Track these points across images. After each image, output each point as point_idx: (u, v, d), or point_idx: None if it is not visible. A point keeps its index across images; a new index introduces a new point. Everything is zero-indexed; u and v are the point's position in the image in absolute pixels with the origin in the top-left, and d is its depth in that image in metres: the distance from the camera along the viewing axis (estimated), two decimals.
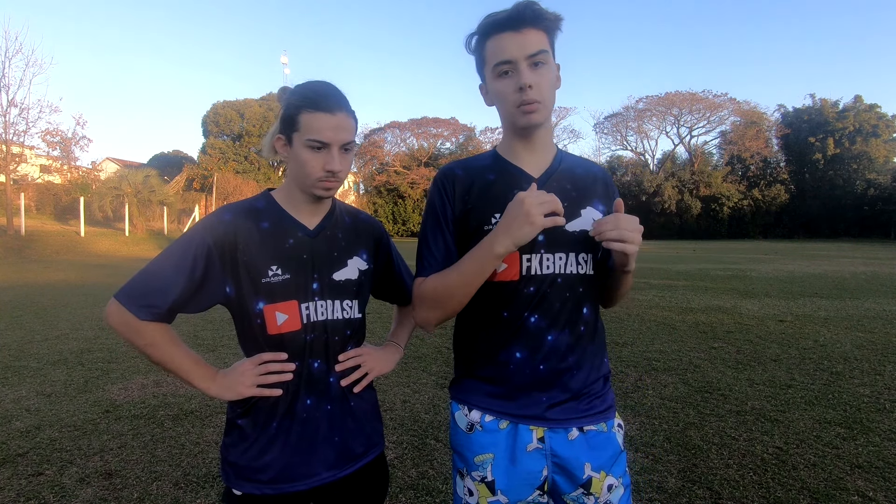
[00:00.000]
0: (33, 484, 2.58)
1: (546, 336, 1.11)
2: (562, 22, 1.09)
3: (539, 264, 1.11)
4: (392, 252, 1.35)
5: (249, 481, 1.11)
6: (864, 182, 43.37)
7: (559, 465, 1.11)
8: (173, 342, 1.09)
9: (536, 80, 1.05)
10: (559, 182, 1.14)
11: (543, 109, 1.08)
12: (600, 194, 1.17)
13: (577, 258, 1.12)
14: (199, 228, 1.10)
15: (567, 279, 1.11)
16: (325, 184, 1.10)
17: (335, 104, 1.08)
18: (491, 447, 1.13)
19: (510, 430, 1.13)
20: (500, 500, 1.13)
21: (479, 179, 1.16)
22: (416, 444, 3.03)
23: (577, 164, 1.21)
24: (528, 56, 1.04)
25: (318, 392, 1.14)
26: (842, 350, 5.14)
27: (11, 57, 22.84)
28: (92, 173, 29.84)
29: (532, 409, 1.12)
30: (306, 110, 1.06)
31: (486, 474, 1.13)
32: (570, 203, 1.11)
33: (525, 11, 1.04)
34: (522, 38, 1.04)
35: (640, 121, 54.24)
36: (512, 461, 1.12)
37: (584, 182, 1.17)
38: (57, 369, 4.58)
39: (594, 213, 1.13)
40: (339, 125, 1.07)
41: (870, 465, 2.72)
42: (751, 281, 11.29)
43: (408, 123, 53.44)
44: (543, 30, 1.06)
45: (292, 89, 1.12)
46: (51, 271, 13.96)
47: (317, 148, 1.06)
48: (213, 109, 41.56)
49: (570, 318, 1.12)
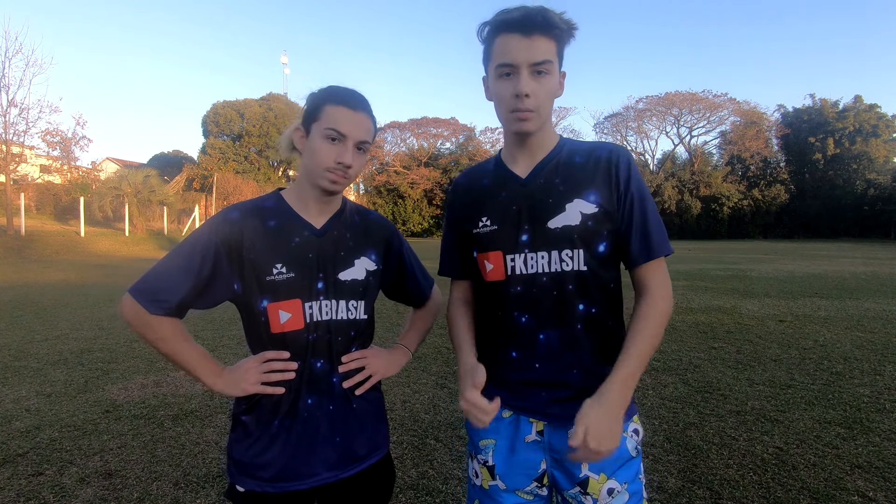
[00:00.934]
0: (33, 484, 2.58)
1: (538, 335, 1.11)
2: (575, 31, 1.07)
3: (524, 264, 1.11)
4: (404, 253, 1.33)
5: (252, 478, 1.12)
6: (864, 182, 43.35)
7: (557, 460, 1.12)
8: (182, 337, 1.11)
9: (535, 90, 1.03)
10: (547, 177, 1.12)
11: (537, 119, 1.07)
12: (598, 182, 1.10)
13: (560, 255, 1.09)
14: (207, 227, 1.11)
15: (553, 277, 1.09)
16: (334, 175, 1.10)
17: (359, 103, 1.12)
18: (493, 434, 1.16)
19: (513, 419, 1.15)
20: (498, 485, 1.16)
21: (476, 184, 1.22)
22: (416, 444, 3.03)
23: (581, 151, 1.14)
24: (531, 64, 1.02)
25: (321, 392, 1.14)
26: (842, 350, 5.14)
27: (11, 57, 22.77)
28: (92, 173, 29.82)
29: (532, 402, 1.13)
30: (330, 103, 1.09)
31: (488, 458, 1.17)
32: (554, 198, 1.10)
33: (536, 17, 1.01)
34: (529, 44, 1.02)
35: (640, 121, 54.20)
36: (511, 450, 1.14)
37: (581, 171, 1.11)
38: (57, 369, 4.57)
39: (582, 206, 1.08)
40: (359, 122, 1.10)
41: (870, 465, 2.72)
42: (751, 281, 11.29)
43: (408, 123, 53.45)
44: (553, 38, 1.04)
45: (320, 89, 1.14)
46: (51, 271, 13.95)
47: (333, 138, 1.08)
48: (213, 109, 41.52)
49: (562, 316, 1.10)
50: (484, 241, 1.16)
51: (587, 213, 1.08)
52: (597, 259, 1.10)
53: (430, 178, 50.11)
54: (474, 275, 1.23)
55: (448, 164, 51.59)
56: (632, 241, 1.10)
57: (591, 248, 1.09)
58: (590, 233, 1.08)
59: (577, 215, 1.08)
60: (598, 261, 1.10)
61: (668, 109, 52.10)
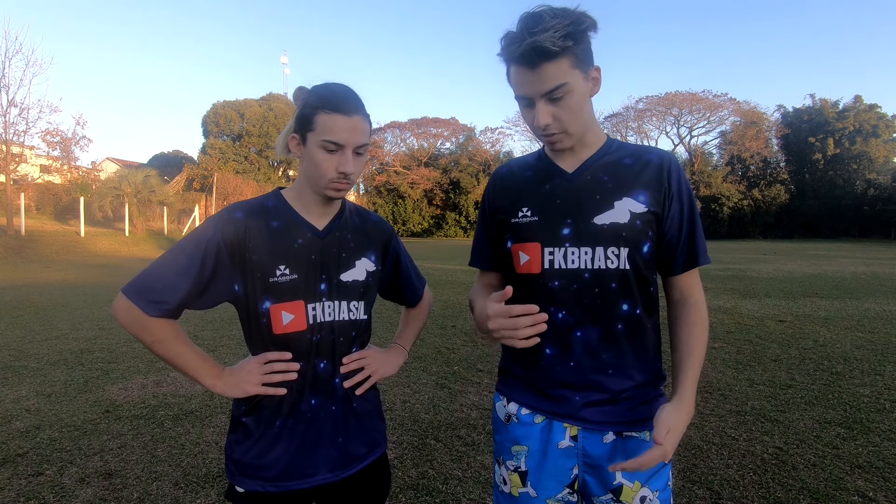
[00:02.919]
0: (33, 484, 2.58)
1: (574, 332, 1.08)
2: (589, 30, 0.99)
3: (563, 258, 1.07)
4: (401, 254, 1.34)
5: (253, 478, 1.12)
6: (864, 182, 43.34)
7: (591, 465, 1.10)
8: (181, 339, 1.09)
9: (556, 114, 1.01)
10: (594, 174, 1.10)
11: (568, 138, 1.05)
12: (648, 183, 1.08)
13: (605, 252, 1.05)
14: (209, 226, 1.09)
15: (596, 274, 1.06)
16: (338, 185, 1.10)
17: (352, 107, 1.08)
18: (525, 440, 1.14)
19: (545, 425, 1.12)
20: (529, 492, 1.13)
21: (518, 175, 1.19)
22: (416, 444, 3.03)
23: (630, 153, 1.12)
24: (543, 94, 0.99)
25: (324, 392, 1.15)
26: (842, 350, 5.14)
27: (11, 57, 22.85)
28: (92, 173, 29.83)
29: (566, 407, 1.10)
30: (323, 111, 1.06)
31: (521, 464, 1.14)
32: (602, 195, 1.07)
33: (529, 54, 0.95)
34: (536, 77, 0.97)
35: (640, 121, 54.16)
36: (544, 455, 1.12)
37: (630, 171, 1.09)
38: (57, 369, 4.57)
39: (631, 205, 1.06)
40: (355, 128, 1.07)
41: (870, 465, 2.72)
42: (751, 281, 11.29)
43: (408, 123, 53.48)
44: (563, 56, 0.96)
45: (310, 90, 1.11)
46: (51, 271, 13.95)
47: (331, 150, 1.07)
48: (213, 109, 41.55)
49: (602, 314, 1.07)
50: (522, 232, 1.13)
51: (636, 213, 1.06)
52: (641, 259, 1.08)
53: (430, 178, 50.11)
54: (504, 267, 1.21)
55: (448, 164, 51.61)
56: (679, 247, 1.10)
57: (637, 248, 1.07)
58: (637, 232, 1.06)
59: (626, 213, 1.06)
60: (642, 261, 1.08)
61: (668, 109, 52.10)
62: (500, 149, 52.83)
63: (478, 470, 2.72)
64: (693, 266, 1.12)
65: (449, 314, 7.23)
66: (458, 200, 49.07)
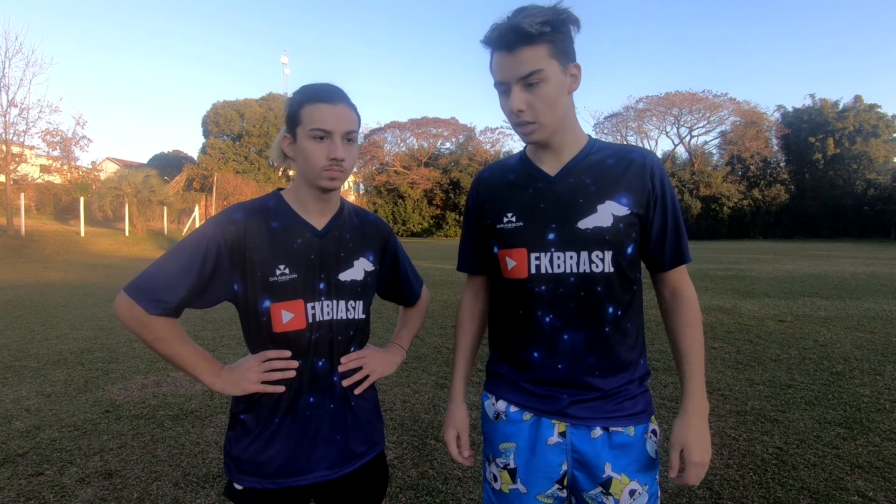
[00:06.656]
0: (33, 484, 2.58)
1: (562, 336, 1.10)
2: (569, 24, 1.00)
3: (549, 263, 1.09)
4: (399, 254, 1.35)
5: (251, 475, 1.13)
6: (864, 182, 43.32)
7: (579, 461, 1.11)
8: (181, 337, 1.10)
9: (529, 102, 1.01)
10: (577, 176, 1.10)
11: (541, 129, 1.05)
12: (630, 185, 1.08)
13: (590, 256, 1.07)
14: (209, 226, 1.10)
15: (582, 278, 1.07)
16: (331, 173, 1.10)
17: (335, 96, 1.11)
18: (514, 437, 1.15)
19: (533, 422, 1.14)
20: (519, 488, 1.14)
21: (500, 179, 1.20)
22: (416, 444, 3.03)
23: (613, 153, 1.12)
24: (519, 78, 1.00)
25: (322, 390, 1.15)
26: (842, 350, 5.14)
27: (11, 57, 22.78)
28: (92, 173, 29.80)
29: (554, 404, 1.11)
30: (308, 103, 1.09)
31: (510, 462, 1.15)
32: (585, 198, 1.08)
33: (510, 32, 0.97)
34: (513, 60, 0.99)
35: (640, 121, 54.13)
36: (532, 452, 1.13)
37: (613, 172, 1.09)
38: (57, 369, 4.57)
39: (614, 208, 1.07)
40: (340, 114, 1.09)
41: (870, 465, 2.72)
42: (751, 281, 11.29)
43: (408, 123, 53.47)
44: (541, 43, 0.98)
45: (294, 92, 1.15)
46: (51, 271, 13.94)
47: (320, 137, 1.08)
48: (213, 109, 41.56)
49: (588, 318, 1.09)
50: (507, 238, 1.13)
51: (618, 216, 1.07)
52: (625, 261, 1.09)
53: (430, 178, 50.11)
54: (491, 271, 1.22)
55: (448, 164, 51.61)
56: (666, 245, 1.12)
57: (621, 251, 1.08)
58: (620, 235, 1.07)
59: (610, 217, 1.07)
60: (626, 263, 1.10)
61: (668, 109, 52.07)
62: (500, 149, 52.78)
63: (478, 470, 2.72)
64: (682, 262, 1.15)
65: (449, 314, 7.23)
66: (458, 200, 49.03)
